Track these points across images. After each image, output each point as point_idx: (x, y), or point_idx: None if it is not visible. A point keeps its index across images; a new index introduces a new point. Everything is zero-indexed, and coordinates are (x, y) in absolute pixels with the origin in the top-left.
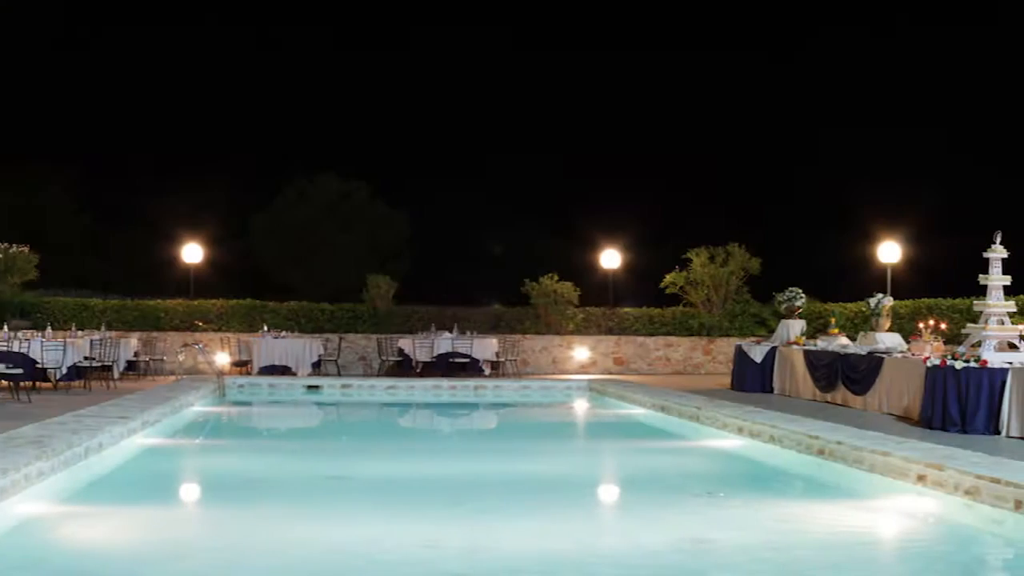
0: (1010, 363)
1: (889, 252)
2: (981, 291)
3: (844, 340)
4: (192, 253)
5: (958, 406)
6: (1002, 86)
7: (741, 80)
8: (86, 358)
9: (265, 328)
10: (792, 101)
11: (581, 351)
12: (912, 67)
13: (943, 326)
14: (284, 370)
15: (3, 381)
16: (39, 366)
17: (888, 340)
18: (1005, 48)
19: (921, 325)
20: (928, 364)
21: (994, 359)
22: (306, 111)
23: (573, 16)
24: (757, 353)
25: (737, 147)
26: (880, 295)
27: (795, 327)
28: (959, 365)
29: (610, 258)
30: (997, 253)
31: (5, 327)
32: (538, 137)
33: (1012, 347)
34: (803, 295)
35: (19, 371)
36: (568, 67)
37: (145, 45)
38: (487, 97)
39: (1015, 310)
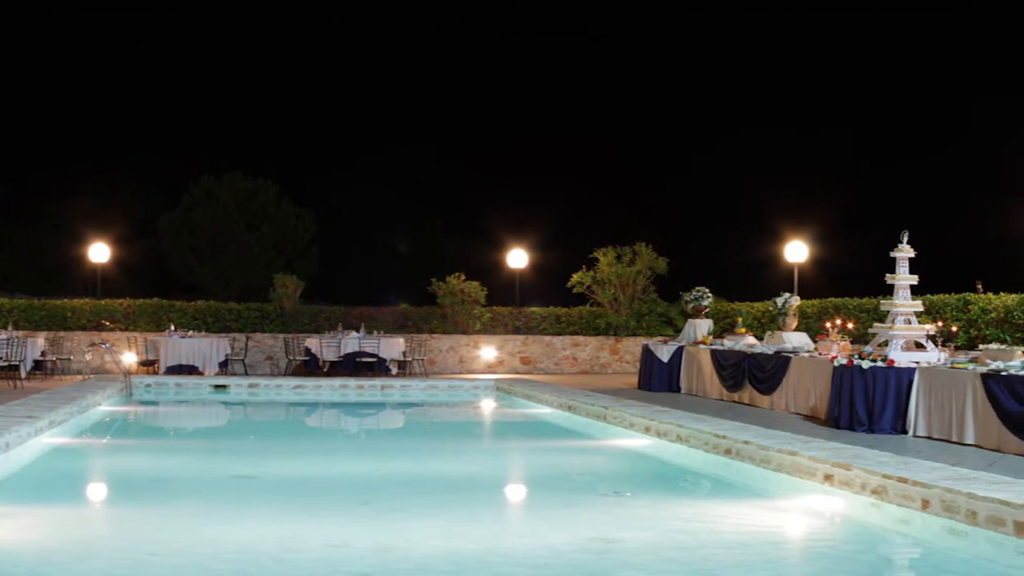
0: (917, 362)
1: (796, 251)
2: (888, 290)
3: (751, 339)
4: (99, 253)
5: (865, 405)
6: (908, 86)
7: (646, 78)
8: None
9: (172, 327)
10: (700, 100)
11: (488, 350)
12: (817, 65)
13: (850, 325)
14: (191, 370)
15: None
16: None
17: (795, 339)
18: (909, 47)
19: (828, 324)
20: (835, 363)
21: (901, 358)
22: (212, 110)
23: (478, 12)
24: (664, 353)
25: (643, 146)
26: (787, 294)
27: (702, 326)
28: (866, 364)
29: (517, 257)
30: (904, 253)
31: None
32: (443, 136)
33: (919, 346)
34: (710, 294)
35: None
36: (474, 65)
37: (51, 44)
38: (391, 95)
39: (922, 309)
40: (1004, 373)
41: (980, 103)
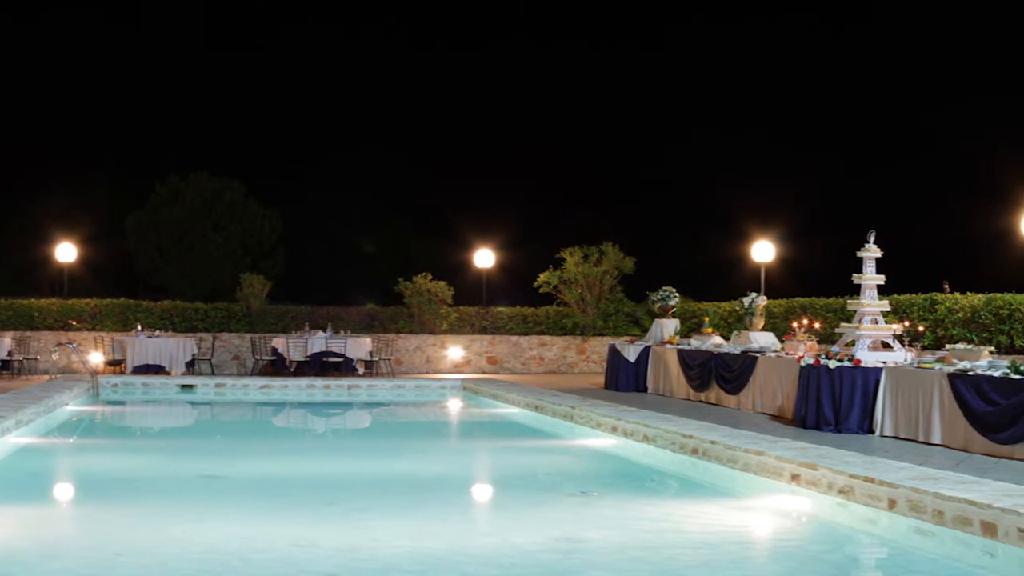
0: (884, 362)
1: (763, 251)
2: (855, 290)
3: (718, 339)
4: (66, 252)
5: (832, 405)
6: (873, 88)
7: (614, 79)
8: None
9: (139, 327)
10: (665, 100)
11: (455, 350)
12: (785, 67)
13: (817, 325)
14: (158, 369)
15: None
16: None
17: (762, 339)
18: (877, 49)
19: (795, 324)
20: (802, 363)
21: (868, 358)
22: (179, 110)
23: (443, 15)
24: (631, 352)
25: (609, 146)
26: (754, 294)
27: (669, 326)
28: (833, 364)
29: (484, 257)
30: (871, 252)
31: None
32: (410, 136)
33: (886, 346)
34: (677, 294)
35: None
36: (441, 66)
37: (15, 42)
38: (360, 96)
39: (888, 309)
40: (971, 373)
41: (946, 104)
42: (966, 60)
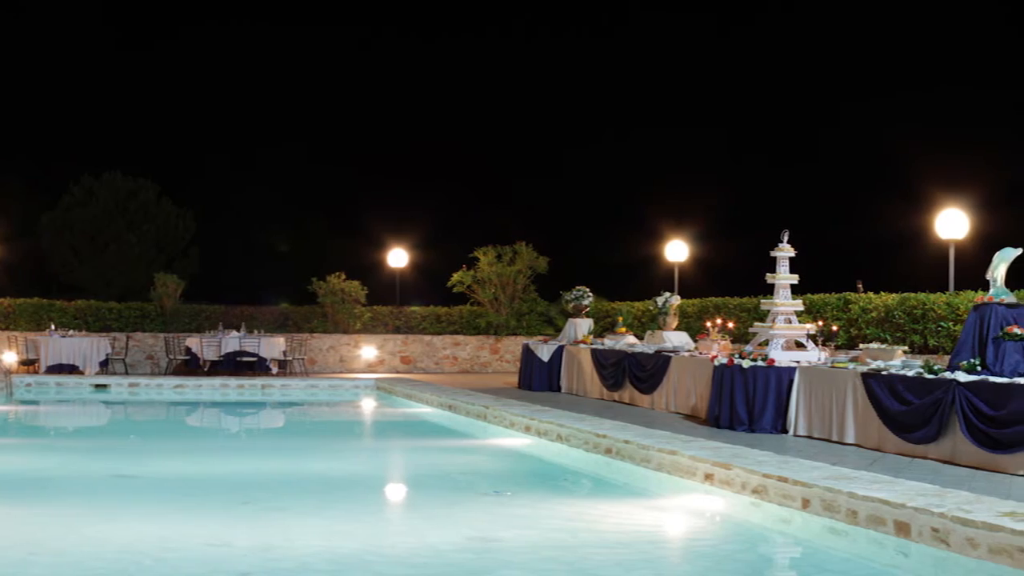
0: (797, 362)
1: (676, 251)
2: (768, 290)
3: (631, 339)
4: None
5: (745, 405)
6: (788, 87)
7: (526, 78)
8: None
9: (52, 327)
10: (580, 99)
11: (369, 350)
12: (696, 65)
13: (731, 325)
14: (72, 369)
15: None
16: None
17: (675, 339)
18: (791, 48)
19: (709, 324)
20: (715, 363)
21: (781, 358)
22: (91, 109)
23: (356, 11)
24: (545, 352)
25: (523, 146)
26: (667, 294)
27: (582, 326)
28: (746, 364)
29: (397, 257)
30: (784, 252)
31: None
32: (323, 135)
33: (799, 346)
34: (590, 294)
35: None
36: (353, 64)
37: None
38: (271, 94)
39: (802, 309)
40: (884, 372)
41: (861, 104)
42: (880, 58)
